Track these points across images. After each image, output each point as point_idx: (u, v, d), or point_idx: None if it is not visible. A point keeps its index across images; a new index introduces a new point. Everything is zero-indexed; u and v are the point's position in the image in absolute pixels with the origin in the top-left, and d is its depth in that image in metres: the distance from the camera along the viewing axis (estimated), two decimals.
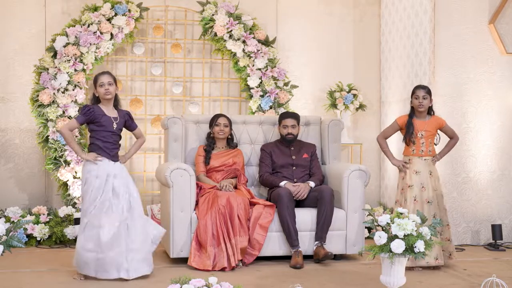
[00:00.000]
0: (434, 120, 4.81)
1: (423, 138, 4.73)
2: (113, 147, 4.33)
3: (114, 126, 4.31)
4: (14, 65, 6.07)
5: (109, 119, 4.30)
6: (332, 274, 4.54)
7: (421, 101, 4.72)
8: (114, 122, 4.31)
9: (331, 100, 6.30)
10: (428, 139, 4.74)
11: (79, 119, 4.29)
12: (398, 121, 4.83)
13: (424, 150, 4.74)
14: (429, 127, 4.76)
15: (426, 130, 4.75)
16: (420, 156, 4.74)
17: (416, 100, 4.74)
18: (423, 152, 4.73)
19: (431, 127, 4.77)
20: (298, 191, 5.01)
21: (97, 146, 4.29)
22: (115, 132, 4.32)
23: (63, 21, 6.04)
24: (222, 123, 5.21)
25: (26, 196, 6.07)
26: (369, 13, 6.70)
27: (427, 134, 4.74)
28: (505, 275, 4.32)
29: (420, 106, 4.73)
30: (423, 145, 4.73)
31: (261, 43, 6.15)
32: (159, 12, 6.32)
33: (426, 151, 4.74)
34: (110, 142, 4.31)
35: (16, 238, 3.53)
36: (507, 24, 5.79)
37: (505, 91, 5.82)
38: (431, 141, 4.77)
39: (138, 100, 6.16)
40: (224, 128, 5.21)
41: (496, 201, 5.82)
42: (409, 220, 3.64)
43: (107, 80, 4.31)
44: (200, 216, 4.74)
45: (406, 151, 4.82)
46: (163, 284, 3.84)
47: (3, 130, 6.07)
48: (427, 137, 4.74)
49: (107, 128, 4.29)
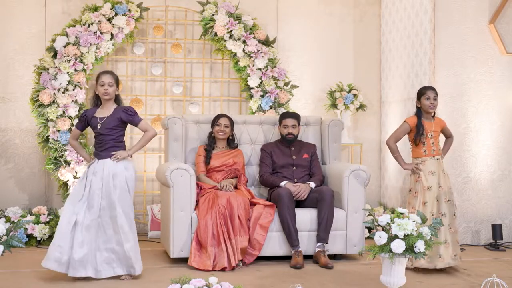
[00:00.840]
0: (438, 121, 4.81)
1: (432, 138, 4.71)
2: (98, 145, 4.39)
3: (98, 127, 4.36)
4: (14, 65, 6.07)
5: (96, 119, 4.37)
6: (332, 274, 4.54)
7: (432, 101, 4.68)
8: (99, 123, 4.35)
9: (331, 100, 6.31)
10: (436, 139, 4.74)
11: (78, 127, 4.54)
12: (409, 123, 4.73)
13: (435, 150, 4.71)
14: (436, 128, 4.75)
15: (434, 130, 4.74)
16: (432, 156, 4.70)
17: (427, 100, 4.69)
18: (434, 151, 4.71)
19: (437, 127, 4.77)
20: (299, 192, 5.01)
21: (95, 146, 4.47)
22: (98, 132, 4.37)
23: (63, 21, 6.04)
24: (223, 124, 5.21)
25: (26, 196, 6.07)
26: (369, 13, 6.70)
27: (435, 134, 4.74)
28: (505, 275, 4.33)
29: (431, 107, 4.70)
30: (433, 144, 4.71)
31: (261, 43, 6.15)
32: (159, 12, 6.32)
33: (437, 151, 4.73)
34: (96, 142, 4.42)
35: (16, 238, 3.53)
36: (507, 24, 5.79)
37: (505, 91, 5.82)
38: (438, 141, 4.76)
39: (138, 100, 6.17)
40: (224, 128, 5.21)
41: (496, 201, 5.82)
42: (409, 220, 3.64)
43: (107, 80, 4.32)
44: (200, 216, 4.74)
45: (417, 153, 4.74)
46: (163, 284, 3.84)
47: (3, 130, 6.07)
48: (436, 137, 4.74)
49: (94, 129, 4.41)
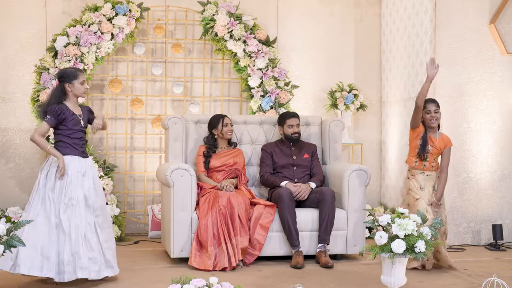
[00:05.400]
0: (443, 138, 4.71)
1: (428, 153, 4.65)
2: (82, 143, 4.25)
3: (82, 123, 4.24)
4: (14, 65, 6.07)
5: (76, 117, 4.22)
6: (332, 274, 4.54)
7: (433, 115, 4.63)
8: (81, 119, 4.24)
9: (332, 100, 6.30)
10: (433, 155, 4.67)
11: (51, 122, 4.15)
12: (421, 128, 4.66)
13: (427, 166, 4.66)
14: (439, 145, 4.67)
15: (436, 146, 4.66)
16: (422, 171, 4.67)
17: (428, 114, 4.63)
18: (425, 167, 4.66)
19: (441, 145, 4.68)
20: (299, 192, 5.01)
21: (65, 144, 4.18)
22: (82, 129, 4.25)
23: (64, 21, 6.04)
24: (229, 123, 5.24)
25: (26, 196, 6.04)
26: (370, 13, 6.70)
27: (434, 151, 4.66)
28: (505, 275, 4.33)
29: (432, 121, 4.63)
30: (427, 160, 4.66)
31: (262, 43, 6.15)
32: (160, 12, 6.32)
33: (429, 167, 4.67)
34: (78, 138, 4.22)
35: (16, 238, 3.53)
36: (508, 24, 5.79)
37: (505, 91, 5.82)
38: (435, 158, 4.70)
39: (139, 100, 6.16)
40: (231, 127, 5.24)
41: (497, 201, 5.82)
42: (410, 220, 3.64)
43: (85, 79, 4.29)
44: (200, 216, 4.74)
45: (409, 161, 4.73)
46: (163, 284, 3.84)
47: (3, 130, 6.07)
48: (433, 153, 4.66)
49: (75, 125, 4.19)
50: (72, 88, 4.21)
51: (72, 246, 4.04)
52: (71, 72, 4.24)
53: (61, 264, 4.03)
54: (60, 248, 4.05)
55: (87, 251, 4.07)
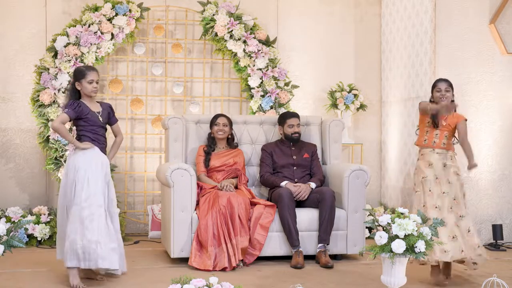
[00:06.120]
0: (454, 115, 4.51)
1: (438, 130, 4.45)
2: (103, 139, 4.28)
3: (100, 120, 4.26)
4: (14, 65, 6.07)
5: (94, 113, 4.24)
6: (332, 274, 4.54)
7: (443, 93, 4.44)
8: (99, 116, 4.26)
9: (332, 100, 6.30)
10: (443, 132, 4.46)
11: (69, 113, 4.17)
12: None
13: (437, 142, 4.45)
14: (449, 121, 4.46)
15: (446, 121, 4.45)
16: (432, 148, 4.45)
17: (438, 93, 4.45)
18: (435, 143, 4.45)
19: (452, 121, 4.47)
20: (299, 192, 5.01)
21: (88, 138, 4.21)
22: (102, 126, 4.28)
23: (64, 21, 6.04)
24: (221, 123, 5.21)
25: (26, 196, 6.07)
26: (370, 13, 6.70)
27: (445, 128, 4.45)
28: (505, 275, 4.33)
29: (442, 99, 4.43)
30: (437, 136, 4.45)
31: (262, 43, 6.15)
32: (160, 12, 6.32)
33: (439, 144, 4.45)
34: (99, 135, 4.26)
35: (16, 238, 3.53)
36: (508, 24, 5.79)
37: (505, 91, 5.82)
38: (446, 136, 4.46)
39: (139, 100, 6.16)
40: (223, 127, 5.21)
41: (497, 201, 5.82)
42: (410, 220, 3.64)
43: (96, 78, 4.26)
44: (200, 216, 4.74)
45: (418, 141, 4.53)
46: (163, 284, 3.84)
47: (3, 130, 6.07)
48: (443, 130, 4.45)
49: (94, 122, 4.23)
50: (81, 87, 4.23)
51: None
52: (80, 71, 4.25)
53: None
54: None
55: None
